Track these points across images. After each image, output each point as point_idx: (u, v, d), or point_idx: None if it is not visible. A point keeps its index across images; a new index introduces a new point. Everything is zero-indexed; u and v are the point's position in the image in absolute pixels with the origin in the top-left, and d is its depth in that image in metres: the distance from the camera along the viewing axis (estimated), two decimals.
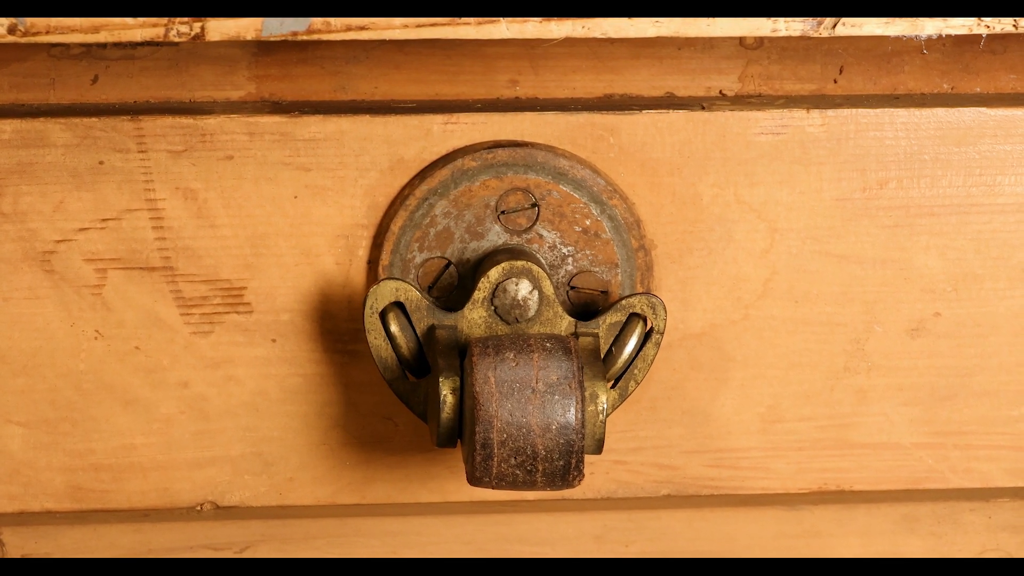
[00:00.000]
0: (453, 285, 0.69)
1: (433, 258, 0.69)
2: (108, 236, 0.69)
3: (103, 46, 0.69)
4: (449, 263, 0.69)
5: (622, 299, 0.67)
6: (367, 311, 0.66)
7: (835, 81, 0.72)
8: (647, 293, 0.67)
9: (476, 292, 0.66)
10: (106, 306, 0.69)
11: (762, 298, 0.71)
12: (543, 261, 0.69)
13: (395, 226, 0.68)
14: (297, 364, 0.70)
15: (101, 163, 0.68)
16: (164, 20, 0.59)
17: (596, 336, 0.66)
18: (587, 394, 0.63)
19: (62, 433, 0.70)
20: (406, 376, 0.67)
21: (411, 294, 0.66)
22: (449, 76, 0.70)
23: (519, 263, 0.66)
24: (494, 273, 0.66)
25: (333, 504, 0.72)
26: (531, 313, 0.67)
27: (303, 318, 0.70)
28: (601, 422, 0.63)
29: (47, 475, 0.71)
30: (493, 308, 0.67)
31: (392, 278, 0.66)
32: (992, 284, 0.71)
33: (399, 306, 0.67)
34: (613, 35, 0.61)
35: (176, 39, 0.59)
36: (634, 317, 0.67)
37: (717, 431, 0.72)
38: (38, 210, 0.68)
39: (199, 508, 0.71)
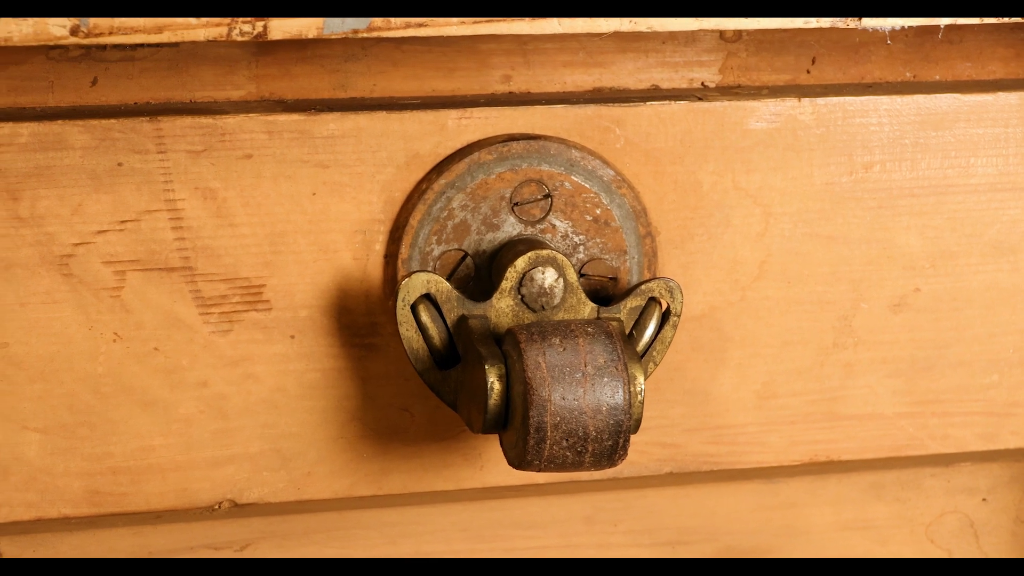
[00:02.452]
0: (470, 276, 0.71)
1: (450, 250, 0.70)
2: (127, 238, 0.68)
3: (103, 48, 0.68)
4: (466, 255, 0.71)
5: (641, 284, 0.69)
6: (399, 304, 0.67)
7: (808, 71, 0.75)
8: (665, 278, 0.69)
9: (503, 282, 0.68)
10: (125, 308, 0.69)
11: (758, 280, 0.74)
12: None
13: (413, 220, 0.70)
14: (315, 359, 0.71)
15: (120, 165, 0.68)
16: (227, 20, 0.59)
17: (620, 320, 0.69)
18: (628, 376, 0.66)
19: (80, 438, 0.70)
20: (438, 367, 0.68)
21: (442, 286, 0.68)
22: (445, 73, 0.72)
23: (545, 252, 0.68)
24: (521, 262, 0.68)
25: (350, 497, 0.73)
26: (556, 300, 0.69)
27: (321, 313, 0.71)
28: (640, 402, 0.66)
29: (64, 481, 0.70)
30: (520, 297, 0.68)
31: (423, 271, 0.68)
32: (966, 260, 0.75)
33: (428, 298, 0.68)
34: (659, 28, 0.64)
35: (239, 38, 0.59)
36: (652, 301, 0.69)
37: (716, 409, 0.75)
38: (56, 213, 0.68)
39: (217, 507, 0.72)
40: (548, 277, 0.68)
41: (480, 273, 0.71)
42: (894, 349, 0.76)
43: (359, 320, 0.71)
